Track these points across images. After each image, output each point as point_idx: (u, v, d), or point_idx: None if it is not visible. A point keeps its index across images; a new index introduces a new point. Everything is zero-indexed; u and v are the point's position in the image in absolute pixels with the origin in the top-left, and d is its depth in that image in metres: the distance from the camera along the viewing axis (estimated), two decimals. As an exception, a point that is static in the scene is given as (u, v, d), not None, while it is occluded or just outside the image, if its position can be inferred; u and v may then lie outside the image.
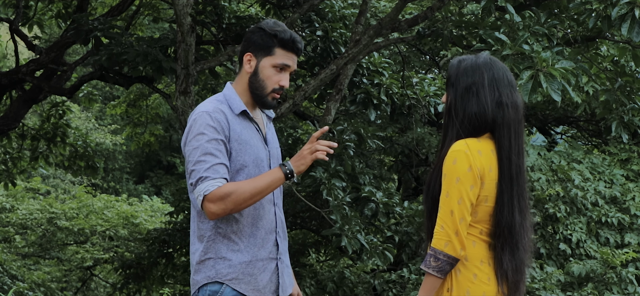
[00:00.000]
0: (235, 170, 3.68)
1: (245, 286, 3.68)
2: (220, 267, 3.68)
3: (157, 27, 20.13)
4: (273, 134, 3.92)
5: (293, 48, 3.75)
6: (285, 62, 3.74)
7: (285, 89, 3.77)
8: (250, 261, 3.69)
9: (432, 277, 3.35)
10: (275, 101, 3.77)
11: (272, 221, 3.76)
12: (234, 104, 3.74)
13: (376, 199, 9.67)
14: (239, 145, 3.68)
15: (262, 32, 3.74)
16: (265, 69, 3.73)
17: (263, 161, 3.74)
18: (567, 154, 12.24)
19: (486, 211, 3.38)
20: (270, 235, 3.75)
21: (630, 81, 9.27)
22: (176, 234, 12.84)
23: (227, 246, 3.68)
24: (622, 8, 7.55)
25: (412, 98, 10.59)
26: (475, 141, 3.37)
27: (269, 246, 3.75)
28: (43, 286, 16.03)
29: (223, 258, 3.68)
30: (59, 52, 11.41)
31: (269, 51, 3.73)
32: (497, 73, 3.41)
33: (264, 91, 3.75)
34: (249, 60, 3.76)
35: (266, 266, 3.73)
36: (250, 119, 3.76)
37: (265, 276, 3.73)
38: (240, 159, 3.68)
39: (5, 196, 17.72)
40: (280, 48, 3.73)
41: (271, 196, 3.77)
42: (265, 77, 3.74)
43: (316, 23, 10.64)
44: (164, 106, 16.93)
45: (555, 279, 10.41)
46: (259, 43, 3.74)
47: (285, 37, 3.72)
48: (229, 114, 3.71)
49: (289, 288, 3.85)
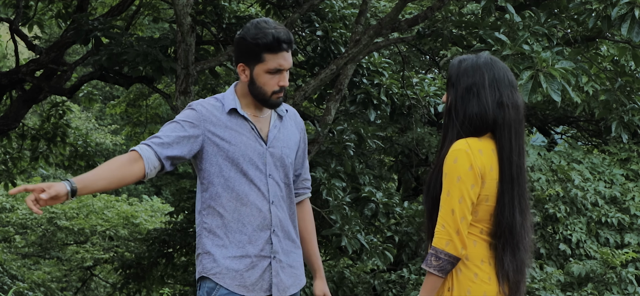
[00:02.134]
0: (219, 165, 3.71)
1: (229, 282, 3.69)
2: (206, 262, 3.72)
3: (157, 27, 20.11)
4: (285, 132, 3.86)
5: (280, 48, 3.67)
6: (278, 66, 3.69)
7: (286, 87, 3.76)
8: (234, 257, 3.69)
9: (433, 276, 3.35)
10: (280, 99, 3.76)
11: (265, 218, 3.74)
12: (226, 103, 3.76)
13: (376, 199, 9.68)
14: (223, 140, 3.71)
15: (245, 41, 3.69)
16: (260, 76, 3.71)
17: (256, 160, 3.73)
18: (567, 154, 12.24)
19: (487, 210, 3.38)
20: (261, 232, 3.73)
21: (630, 81, 9.28)
22: (176, 234, 12.84)
23: (212, 241, 3.71)
24: (622, 8, 7.55)
25: (412, 98, 10.60)
26: (476, 140, 3.37)
27: (260, 244, 3.72)
28: (43, 286, 16.03)
29: (208, 253, 3.71)
30: (59, 52, 11.42)
31: (258, 59, 3.68)
32: (498, 73, 3.41)
33: (265, 96, 3.74)
34: (243, 70, 3.75)
35: (256, 263, 3.72)
36: (243, 118, 3.76)
37: (253, 273, 3.71)
38: (226, 153, 3.71)
39: (5, 196, 17.72)
40: (267, 53, 3.67)
41: (265, 193, 3.75)
42: (262, 84, 3.71)
43: (316, 23, 10.64)
44: (164, 106, 16.93)
45: (555, 279, 10.41)
46: (246, 52, 3.71)
47: (268, 41, 3.64)
48: (218, 111, 3.74)
49: (292, 288, 3.83)
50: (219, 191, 3.72)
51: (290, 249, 3.83)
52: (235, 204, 3.71)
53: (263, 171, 3.75)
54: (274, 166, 3.79)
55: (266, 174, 3.76)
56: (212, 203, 3.74)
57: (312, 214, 4.09)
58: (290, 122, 3.90)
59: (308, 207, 4.04)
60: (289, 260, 3.82)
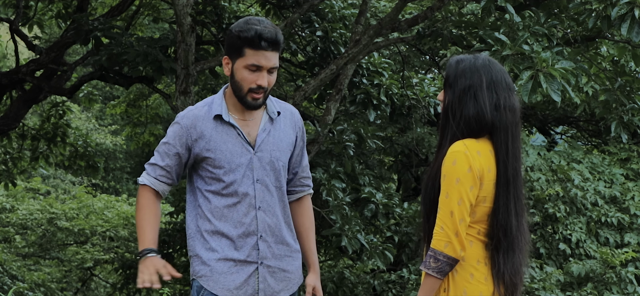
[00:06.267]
0: (207, 175, 3.74)
1: (213, 284, 3.72)
2: (195, 264, 3.79)
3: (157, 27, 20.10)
4: (275, 134, 3.81)
5: (260, 45, 3.63)
6: (256, 62, 3.65)
7: (265, 88, 3.69)
8: (218, 259, 3.72)
9: (431, 278, 3.35)
10: (256, 101, 3.70)
11: (251, 224, 3.73)
12: (212, 108, 3.76)
13: (376, 200, 9.68)
14: (208, 150, 3.72)
15: (231, 33, 3.69)
16: (238, 71, 3.69)
17: (241, 166, 3.73)
18: (567, 154, 12.24)
19: (484, 211, 3.38)
20: (247, 238, 3.73)
21: (630, 81, 9.28)
22: (176, 235, 12.85)
23: (201, 244, 3.76)
24: (622, 8, 7.56)
25: (411, 98, 10.60)
26: (474, 142, 3.37)
27: (247, 250, 3.73)
28: (43, 287, 16.02)
29: (197, 256, 3.78)
30: (59, 52, 11.42)
31: (239, 53, 3.67)
32: (495, 76, 3.41)
33: (242, 93, 3.71)
34: (227, 63, 3.75)
35: (241, 268, 3.73)
36: (228, 124, 3.74)
37: (237, 278, 3.72)
38: (211, 164, 3.72)
39: (5, 196, 17.72)
40: (248, 48, 3.65)
41: (252, 199, 3.74)
42: (240, 79, 3.70)
43: (316, 23, 10.64)
44: (164, 106, 16.93)
45: (554, 279, 10.41)
46: (230, 46, 3.71)
47: (249, 36, 3.62)
48: (204, 118, 3.74)
49: (283, 292, 3.81)
50: (207, 196, 3.74)
51: (283, 253, 3.81)
52: (222, 210, 3.73)
53: (250, 177, 3.74)
54: (263, 170, 3.76)
55: (253, 179, 3.74)
56: (200, 208, 3.77)
57: (312, 211, 4.05)
58: (284, 123, 3.85)
59: (307, 204, 4.00)
60: (282, 264, 3.81)
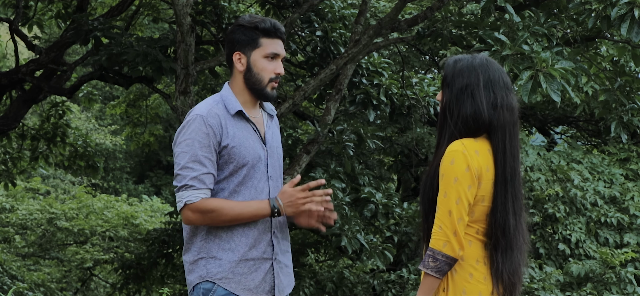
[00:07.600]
0: (230, 172, 3.68)
1: (235, 286, 3.68)
2: (211, 267, 3.69)
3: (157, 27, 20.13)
4: (274, 132, 3.88)
5: (276, 34, 3.75)
6: (274, 50, 3.74)
7: (281, 76, 3.78)
8: (239, 261, 3.68)
9: (430, 278, 3.35)
10: (274, 91, 3.78)
11: (267, 221, 3.74)
12: (229, 105, 3.73)
13: (376, 200, 9.68)
14: (233, 147, 3.68)
15: (243, 28, 3.75)
16: (257, 62, 3.73)
17: (260, 161, 3.74)
18: (567, 154, 12.24)
19: (483, 211, 3.38)
20: (264, 235, 3.73)
21: (630, 81, 9.28)
22: (176, 235, 12.85)
23: (218, 245, 3.69)
24: (622, 8, 7.56)
25: (411, 98, 10.60)
26: (472, 141, 3.37)
27: (263, 246, 3.73)
28: (43, 287, 16.03)
29: (214, 258, 3.69)
30: (59, 52, 11.42)
31: (255, 44, 3.73)
32: (493, 75, 3.41)
33: (262, 84, 3.75)
34: (239, 59, 3.75)
35: (259, 266, 3.72)
36: (246, 119, 3.75)
37: (257, 276, 3.71)
38: (236, 161, 3.68)
39: (5, 196, 17.73)
40: (265, 37, 3.73)
41: (268, 196, 3.75)
42: (259, 70, 3.74)
43: (316, 23, 10.65)
44: (164, 106, 16.94)
45: (554, 279, 10.41)
46: (243, 39, 3.74)
47: (266, 26, 3.73)
48: (224, 115, 3.70)
49: (288, 288, 3.84)
50: (227, 196, 3.70)
51: (286, 248, 3.85)
52: None
53: (265, 173, 3.76)
54: (272, 167, 3.80)
55: (268, 176, 3.77)
56: None
57: None
58: (275, 121, 3.93)
59: None
60: (285, 259, 3.84)
